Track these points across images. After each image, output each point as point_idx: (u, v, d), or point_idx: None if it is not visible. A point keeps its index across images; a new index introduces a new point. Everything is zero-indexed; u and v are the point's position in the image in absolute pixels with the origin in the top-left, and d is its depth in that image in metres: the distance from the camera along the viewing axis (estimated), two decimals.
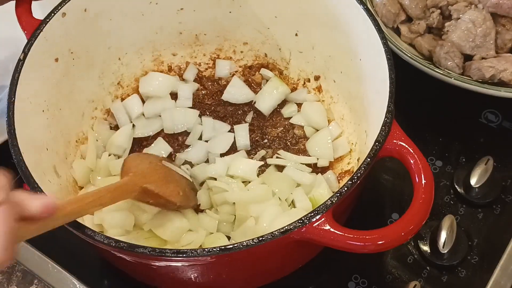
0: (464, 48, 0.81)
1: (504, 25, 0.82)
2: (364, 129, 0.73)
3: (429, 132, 0.85)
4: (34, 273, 0.75)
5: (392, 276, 0.73)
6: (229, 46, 0.89)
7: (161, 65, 0.89)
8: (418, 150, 0.58)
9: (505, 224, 0.76)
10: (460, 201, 0.78)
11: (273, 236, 0.54)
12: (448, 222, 0.72)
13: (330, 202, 0.55)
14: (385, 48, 0.65)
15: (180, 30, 0.87)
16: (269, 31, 0.86)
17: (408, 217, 0.55)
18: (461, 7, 0.83)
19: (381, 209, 0.79)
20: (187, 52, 0.89)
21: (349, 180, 0.56)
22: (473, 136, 0.84)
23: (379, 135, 0.58)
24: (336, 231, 0.54)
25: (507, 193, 0.78)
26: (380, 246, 0.55)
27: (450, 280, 0.72)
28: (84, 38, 0.77)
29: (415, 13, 0.86)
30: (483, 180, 0.77)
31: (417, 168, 0.57)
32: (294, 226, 0.54)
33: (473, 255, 0.74)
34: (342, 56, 0.77)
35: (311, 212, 0.54)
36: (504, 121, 0.85)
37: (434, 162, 0.82)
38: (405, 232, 0.54)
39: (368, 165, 0.57)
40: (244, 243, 0.53)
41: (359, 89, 0.74)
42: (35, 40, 0.69)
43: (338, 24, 0.74)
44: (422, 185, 0.56)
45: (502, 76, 0.79)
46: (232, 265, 0.61)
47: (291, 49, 0.86)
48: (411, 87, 0.79)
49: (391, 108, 0.60)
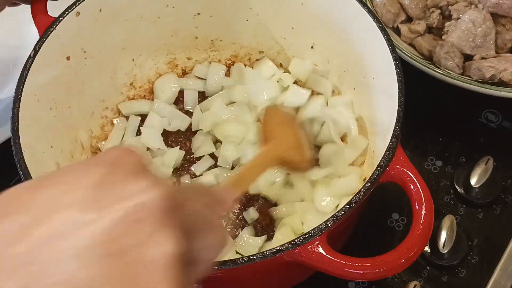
0: (464, 48, 0.81)
1: (504, 25, 0.82)
2: (372, 149, 0.72)
3: (429, 132, 0.84)
4: None
5: (392, 276, 0.72)
6: (245, 53, 0.89)
7: (175, 68, 0.88)
8: (420, 178, 0.56)
9: (505, 224, 0.76)
10: (460, 201, 0.77)
11: (264, 256, 0.53)
12: (448, 222, 0.71)
13: (325, 225, 0.53)
14: (397, 70, 0.63)
15: (196, 35, 0.86)
16: (285, 41, 0.85)
17: (404, 245, 0.53)
18: (461, 7, 0.82)
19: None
20: (202, 57, 0.89)
21: (347, 204, 0.55)
22: (473, 136, 0.83)
23: (382, 159, 0.57)
24: (330, 256, 0.53)
25: (507, 193, 0.78)
26: (375, 275, 0.54)
27: (450, 280, 0.72)
28: (97, 38, 0.77)
29: (415, 13, 0.85)
30: (483, 180, 0.76)
31: (418, 196, 0.55)
32: (286, 248, 0.53)
33: (473, 255, 0.73)
34: (355, 73, 0.75)
35: (304, 234, 0.53)
36: (504, 121, 0.84)
37: (434, 162, 0.81)
38: (399, 262, 0.53)
39: (367, 190, 0.56)
40: (233, 261, 0.52)
41: (370, 107, 0.73)
42: (47, 38, 0.69)
43: (353, 41, 0.73)
44: (422, 215, 0.54)
45: (502, 76, 0.78)
46: (224, 282, 0.60)
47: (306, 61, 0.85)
48: (411, 87, 0.78)
49: (397, 132, 0.59)
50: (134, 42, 0.82)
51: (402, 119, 0.60)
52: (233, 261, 0.52)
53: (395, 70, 0.63)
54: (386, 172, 0.57)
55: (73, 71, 0.75)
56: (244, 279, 0.62)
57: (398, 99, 0.61)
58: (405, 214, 0.76)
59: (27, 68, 0.67)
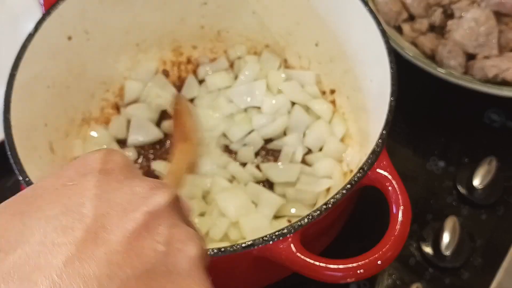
0: (467, 47, 0.79)
1: (507, 24, 0.80)
2: (365, 151, 0.71)
3: (431, 132, 0.83)
4: None
5: (393, 278, 0.72)
6: (251, 46, 0.88)
7: (180, 56, 0.88)
8: (400, 182, 0.55)
9: (508, 225, 0.75)
10: (463, 202, 0.76)
11: (234, 249, 0.52)
12: (451, 223, 0.71)
13: (299, 224, 0.53)
14: (391, 72, 0.62)
15: (202, 24, 0.86)
16: (290, 37, 0.84)
17: (377, 249, 0.52)
18: (463, 5, 0.81)
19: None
20: (208, 47, 0.89)
21: (323, 204, 0.54)
22: (476, 136, 0.82)
23: (365, 162, 0.56)
24: (301, 256, 0.53)
25: (510, 194, 0.76)
26: (345, 277, 0.53)
27: (452, 282, 0.71)
28: (101, 21, 0.77)
29: (417, 11, 0.84)
30: (486, 181, 0.75)
31: (396, 199, 0.54)
32: (257, 243, 0.52)
33: (476, 256, 0.72)
34: (356, 74, 0.75)
35: (277, 231, 0.53)
36: (507, 121, 0.83)
37: (437, 162, 0.80)
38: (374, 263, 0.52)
39: (347, 191, 0.55)
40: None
41: (367, 110, 0.72)
42: (49, 16, 0.70)
43: (354, 42, 0.72)
44: (398, 219, 0.53)
45: (505, 76, 0.77)
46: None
47: (310, 59, 0.84)
48: (413, 86, 0.78)
49: (384, 136, 0.58)
50: (139, 27, 0.82)
51: (390, 124, 0.59)
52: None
53: (390, 73, 0.62)
54: (368, 176, 0.56)
55: (75, 51, 0.75)
56: (219, 273, 0.62)
57: (389, 103, 0.60)
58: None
59: (26, 45, 0.67)
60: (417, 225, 0.74)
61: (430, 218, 0.75)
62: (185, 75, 0.87)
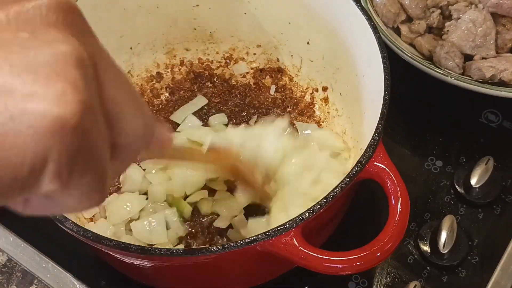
0: (465, 48, 0.81)
1: (505, 25, 0.82)
2: (360, 146, 0.72)
3: (429, 132, 0.84)
4: (34, 273, 0.74)
5: (392, 276, 0.73)
6: (243, 47, 0.89)
7: (173, 58, 0.89)
8: (398, 174, 0.57)
9: (505, 224, 0.76)
10: (461, 201, 0.77)
11: (237, 245, 0.53)
12: (449, 222, 0.71)
13: (300, 218, 0.54)
14: (384, 67, 0.63)
15: (194, 26, 0.87)
16: (282, 36, 0.85)
17: (377, 241, 0.54)
18: (461, 7, 0.82)
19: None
20: (201, 49, 0.90)
21: (323, 198, 0.55)
22: (473, 136, 0.83)
23: (362, 156, 0.57)
24: (303, 249, 0.54)
25: (508, 193, 0.77)
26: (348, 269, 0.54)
27: (450, 280, 0.72)
28: (95, 24, 0.75)
29: (415, 13, 0.85)
30: (483, 180, 0.76)
31: (395, 192, 0.55)
32: (260, 238, 0.53)
33: (473, 255, 0.73)
34: (348, 70, 0.76)
35: (279, 226, 0.54)
36: (504, 121, 0.84)
37: (434, 162, 0.81)
38: (374, 256, 0.53)
39: (346, 184, 0.56)
40: (206, 249, 0.53)
41: (360, 105, 0.73)
42: None
43: (346, 39, 0.73)
44: (397, 211, 0.54)
45: (503, 76, 0.78)
46: (202, 269, 0.61)
47: (302, 57, 0.85)
48: (411, 87, 0.79)
49: (379, 130, 0.59)
50: (132, 30, 0.83)
51: (385, 117, 0.60)
52: (206, 249, 0.53)
53: (383, 67, 0.63)
54: (366, 169, 0.57)
55: None
56: (220, 269, 0.63)
57: (383, 97, 0.61)
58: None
59: None
60: (415, 224, 0.75)
61: (428, 217, 0.76)
62: (179, 77, 0.88)
